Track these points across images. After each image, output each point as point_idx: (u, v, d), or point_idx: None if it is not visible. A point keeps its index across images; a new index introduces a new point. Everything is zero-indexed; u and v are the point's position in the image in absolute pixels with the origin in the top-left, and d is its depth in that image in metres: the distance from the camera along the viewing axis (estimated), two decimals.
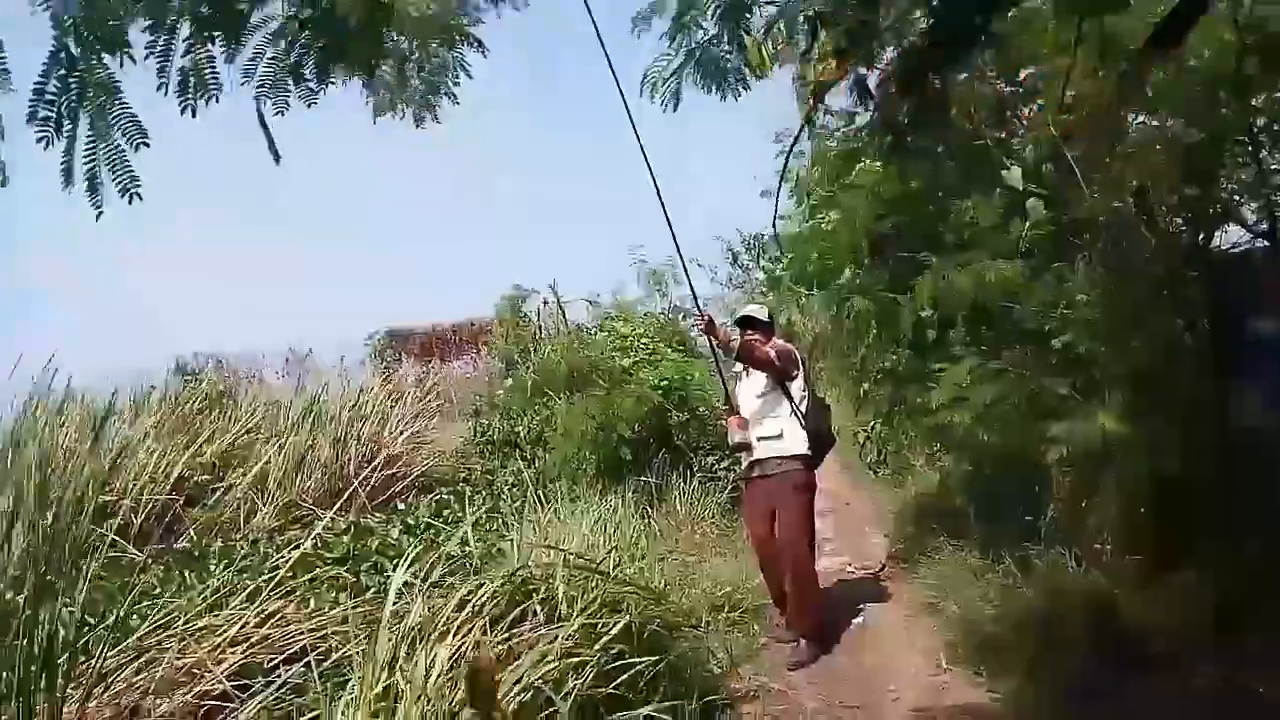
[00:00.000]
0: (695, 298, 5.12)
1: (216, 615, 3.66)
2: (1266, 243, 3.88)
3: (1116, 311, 3.91)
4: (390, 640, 2.89)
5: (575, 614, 3.02)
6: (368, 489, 6.98)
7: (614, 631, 2.98)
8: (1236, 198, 4.07)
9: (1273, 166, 3.96)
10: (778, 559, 4.67)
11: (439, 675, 2.61)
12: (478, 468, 8.76)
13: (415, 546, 3.92)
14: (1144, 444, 3.70)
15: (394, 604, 2.95)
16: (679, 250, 4.76)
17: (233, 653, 3.47)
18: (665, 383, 7.85)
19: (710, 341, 4.78)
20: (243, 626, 3.60)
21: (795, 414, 4.68)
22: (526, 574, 3.36)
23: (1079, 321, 3.95)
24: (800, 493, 4.64)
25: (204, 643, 3.42)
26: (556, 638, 2.79)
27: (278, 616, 3.73)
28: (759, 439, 4.72)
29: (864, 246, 5.02)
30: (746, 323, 4.87)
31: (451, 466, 9.17)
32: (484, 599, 3.13)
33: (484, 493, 7.20)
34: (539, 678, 2.62)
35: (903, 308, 4.66)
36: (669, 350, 8.65)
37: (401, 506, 6.09)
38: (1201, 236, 4.15)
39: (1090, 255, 4.22)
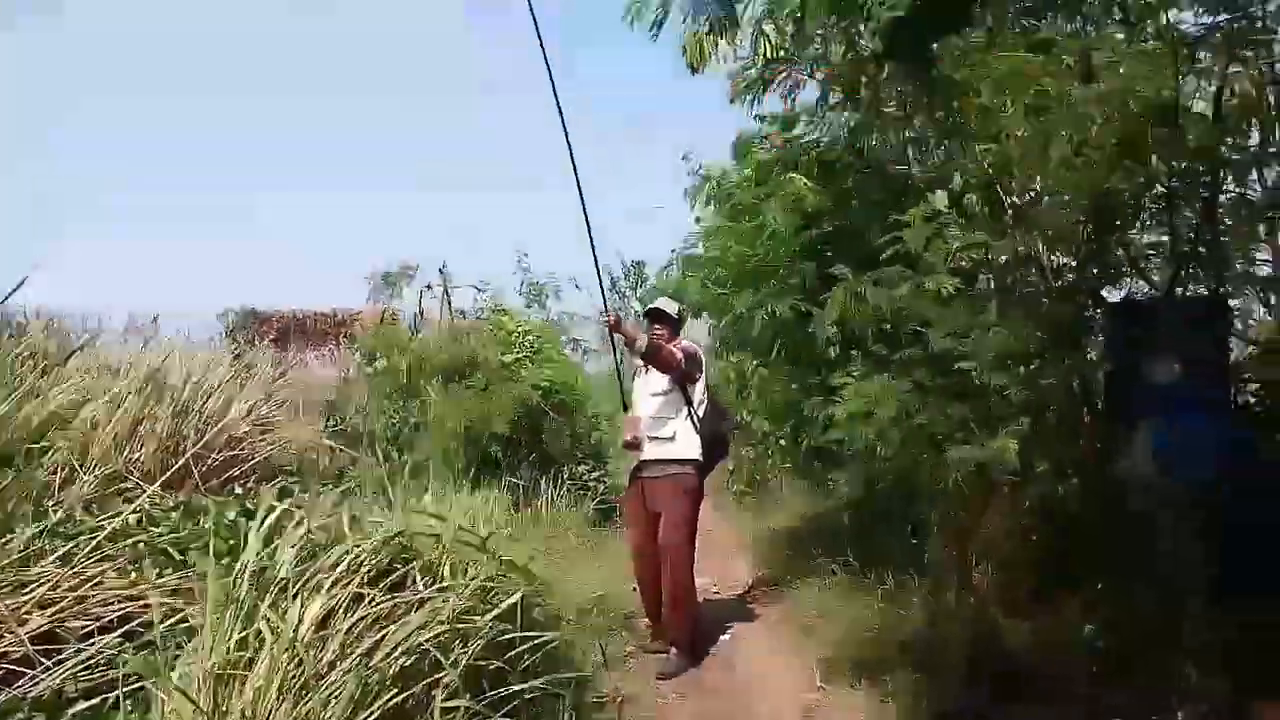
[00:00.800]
0: (605, 297, 4.95)
1: (23, 572, 3.21)
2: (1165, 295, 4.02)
3: (1021, 346, 3.98)
4: (251, 592, 2.55)
5: (463, 583, 2.75)
6: (203, 469, 6.43)
7: (504, 606, 2.72)
8: (1146, 252, 4.22)
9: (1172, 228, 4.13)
10: (655, 563, 4.50)
11: (309, 628, 2.31)
12: (326, 461, 8.29)
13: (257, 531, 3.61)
14: (1037, 475, 3.76)
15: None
16: (595, 257, 4.61)
17: (39, 615, 3.05)
18: (546, 384, 7.63)
19: (613, 338, 4.62)
20: (53, 588, 3.16)
21: (691, 417, 4.56)
22: (406, 540, 3.08)
23: (984, 352, 4.00)
24: (687, 497, 4.50)
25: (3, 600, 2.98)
26: (448, 600, 2.51)
27: (93, 582, 3.32)
28: (650, 438, 4.57)
29: (780, 256, 4.99)
30: (655, 316, 4.72)
31: (298, 457, 8.64)
32: (362, 558, 2.83)
33: (332, 486, 6.78)
34: (428, 639, 2.35)
35: (813, 319, 4.62)
36: (553, 353, 8.43)
37: (239, 491, 5.63)
38: (1104, 286, 4.28)
39: (999, 289, 4.32)
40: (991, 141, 4.25)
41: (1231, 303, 4.05)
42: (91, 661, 2.67)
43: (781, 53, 4.90)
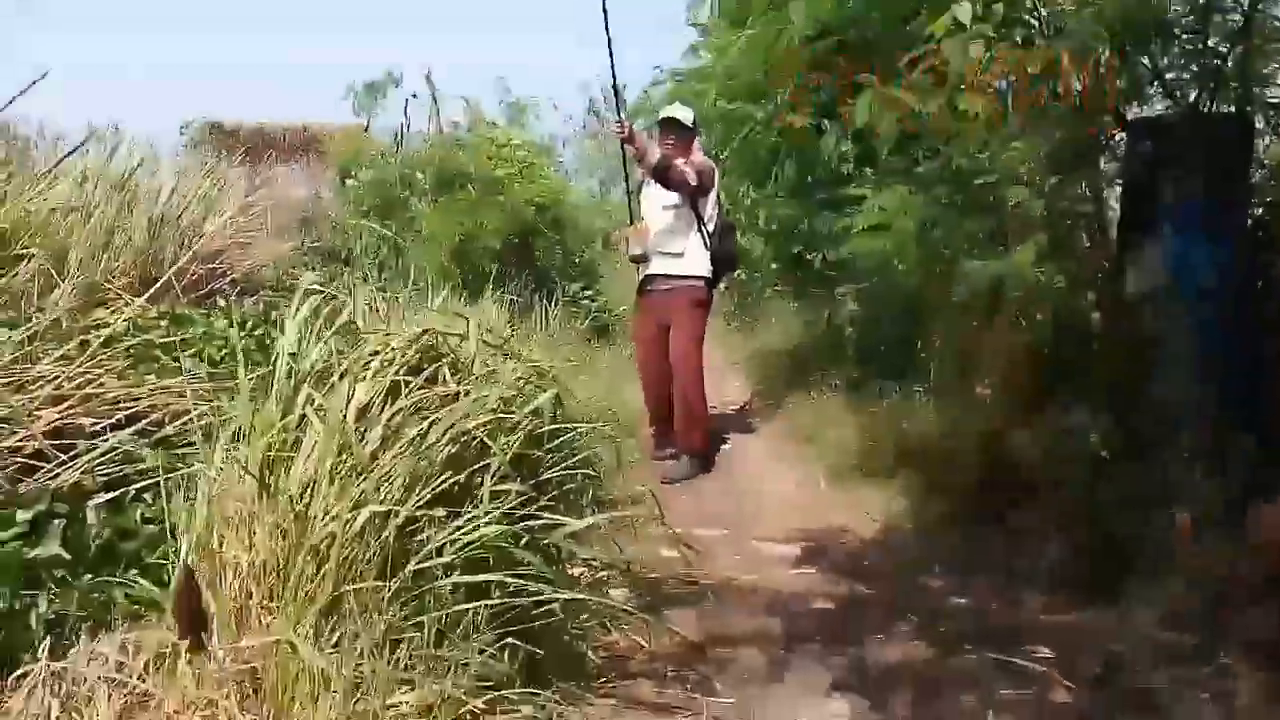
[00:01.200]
0: (618, 106, 4.75)
1: (25, 370, 3.17)
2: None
3: (1041, 163, 3.94)
4: (287, 384, 2.55)
5: (499, 378, 2.77)
6: (183, 281, 6.32)
7: (541, 399, 2.75)
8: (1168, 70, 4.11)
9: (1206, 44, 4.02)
10: (662, 373, 4.57)
11: (358, 412, 2.32)
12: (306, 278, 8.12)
13: (248, 340, 3.57)
14: (1049, 290, 3.79)
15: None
16: (614, 70, 4.50)
17: (50, 411, 3.04)
18: (540, 200, 7.50)
19: (625, 151, 4.51)
20: (57, 386, 3.14)
21: (702, 232, 4.51)
22: (433, 338, 3.06)
23: (1004, 166, 3.96)
24: (697, 310, 4.53)
25: (9, 399, 2.95)
26: (490, 392, 2.53)
27: (96, 381, 3.29)
28: (660, 253, 4.53)
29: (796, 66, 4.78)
30: (669, 125, 4.57)
31: (276, 273, 8.51)
32: (394, 353, 2.81)
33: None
34: (475, 426, 2.38)
35: (826, 132, 4.51)
36: (543, 169, 8.23)
37: (222, 304, 5.54)
38: (1128, 104, 4.19)
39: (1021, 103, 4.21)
40: None
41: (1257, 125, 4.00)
42: (106, 456, 2.69)
43: None
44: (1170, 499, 3.32)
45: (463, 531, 2.16)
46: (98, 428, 2.90)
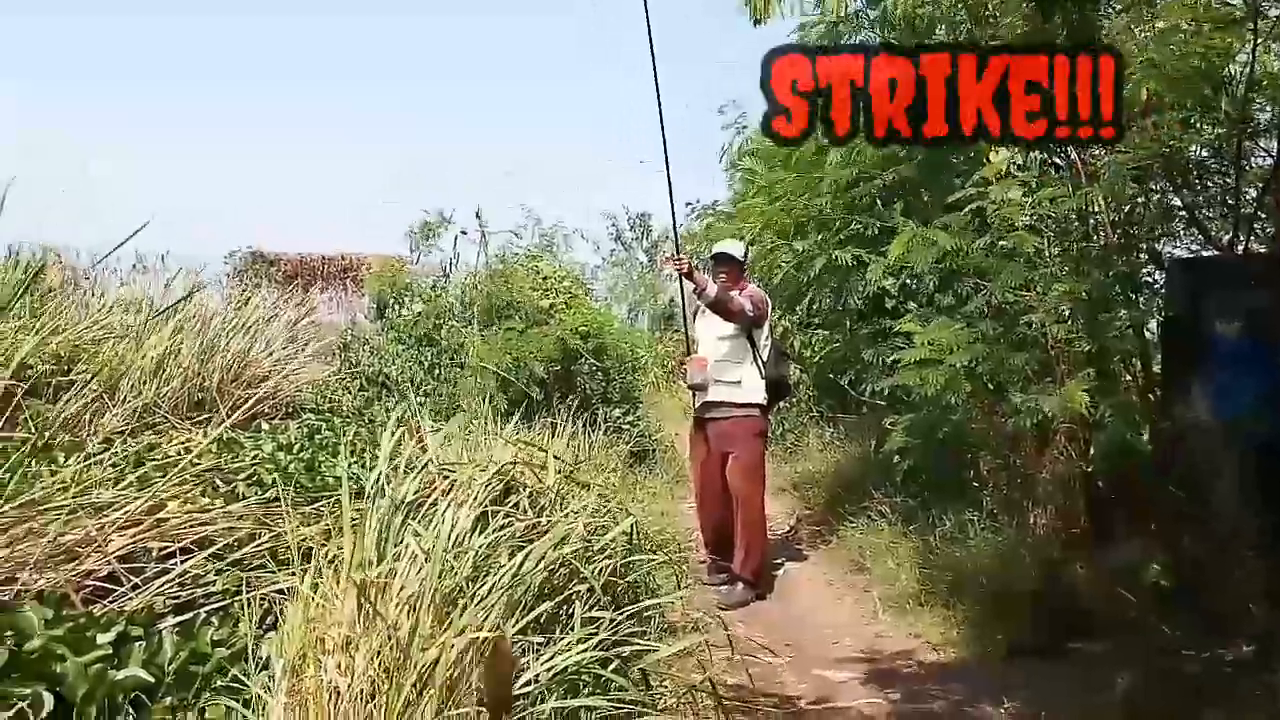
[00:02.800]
0: (676, 241, 5.04)
1: (98, 495, 3.33)
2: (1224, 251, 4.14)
3: (1082, 299, 4.11)
4: (379, 515, 2.69)
5: (581, 508, 2.90)
6: (230, 405, 6.50)
7: (623, 526, 2.88)
8: (1201, 210, 4.32)
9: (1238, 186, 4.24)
10: (719, 500, 4.67)
11: (458, 538, 2.45)
12: (345, 401, 8.38)
13: (296, 464, 3.74)
14: (1099, 422, 3.91)
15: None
16: (672, 202, 4.74)
17: (120, 535, 3.19)
18: (585, 328, 7.76)
19: (683, 286, 4.74)
20: (127, 512, 3.29)
21: (757, 362, 4.69)
22: (515, 469, 3.22)
23: (1047, 304, 4.13)
24: (756, 439, 4.67)
25: (84, 523, 3.11)
26: (576, 521, 2.66)
27: (161, 507, 3.45)
28: (717, 382, 4.69)
29: (840, 207, 5.09)
30: (720, 259, 4.82)
31: (317, 396, 8.74)
32: (475, 487, 2.96)
33: (355, 424, 6.89)
34: (568, 554, 2.50)
35: (870, 265, 4.74)
36: (586, 298, 8.55)
37: (266, 427, 5.73)
38: (1163, 242, 4.41)
39: (1061, 244, 4.43)
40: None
41: None
42: (178, 580, 2.81)
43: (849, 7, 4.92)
44: (1233, 630, 3.37)
45: (559, 656, 2.25)
46: (166, 551, 3.05)
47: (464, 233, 9.15)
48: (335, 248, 19.69)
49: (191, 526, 3.29)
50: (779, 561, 5.24)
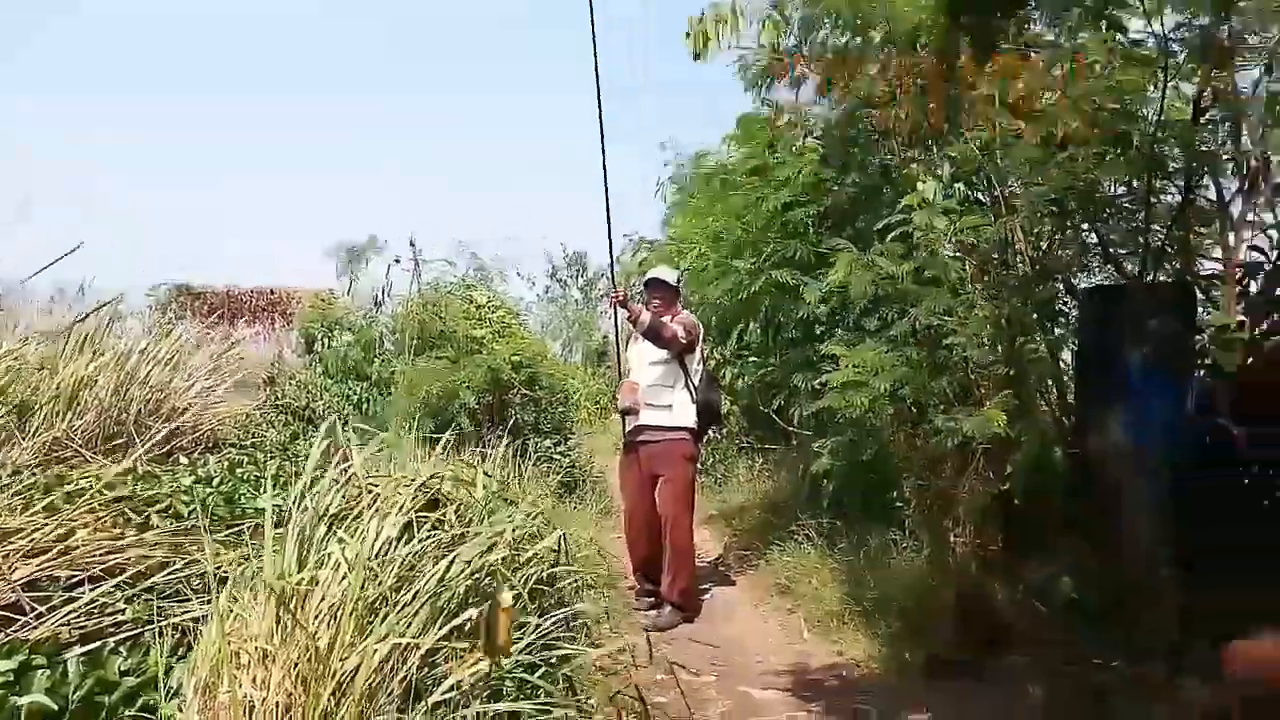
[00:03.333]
0: (612, 272, 5.09)
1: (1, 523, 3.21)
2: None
3: (1002, 325, 4.26)
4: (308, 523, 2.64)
5: (508, 519, 2.88)
6: (147, 439, 6.30)
7: (550, 539, 2.87)
8: (1114, 243, 4.52)
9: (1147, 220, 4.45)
10: (648, 524, 4.67)
11: (384, 546, 2.41)
12: (269, 435, 8.20)
13: (212, 498, 3.67)
14: (1016, 442, 4.03)
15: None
16: (610, 231, 4.85)
17: (24, 564, 3.07)
18: (518, 358, 7.72)
19: (616, 312, 4.79)
20: (31, 539, 3.17)
21: (689, 386, 4.73)
22: (439, 483, 3.19)
23: (968, 329, 4.26)
24: (685, 463, 4.68)
25: None
26: (504, 531, 2.64)
27: (69, 535, 3.33)
28: (648, 405, 4.71)
29: (774, 231, 5.20)
30: (654, 285, 4.86)
31: (241, 429, 8.51)
32: (401, 497, 2.92)
33: (279, 458, 6.73)
34: (493, 561, 2.48)
35: (805, 288, 4.84)
36: (520, 329, 8.53)
37: (185, 461, 5.57)
38: (1078, 273, 4.60)
39: (982, 272, 4.59)
40: (981, 132, 4.51)
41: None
42: (86, 609, 2.71)
43: (787, 41, 5.07)
44: (1144, 645, 3.47)
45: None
46: (74, 580, 2.93)
47: (397, 260, 9.05)
48: (264, 282, 19.33)
49: (101, 554, 3.18)
50: (706, 587, 5.25)
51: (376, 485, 2.98)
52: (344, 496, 2.90)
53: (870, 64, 4.99)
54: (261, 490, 3.89)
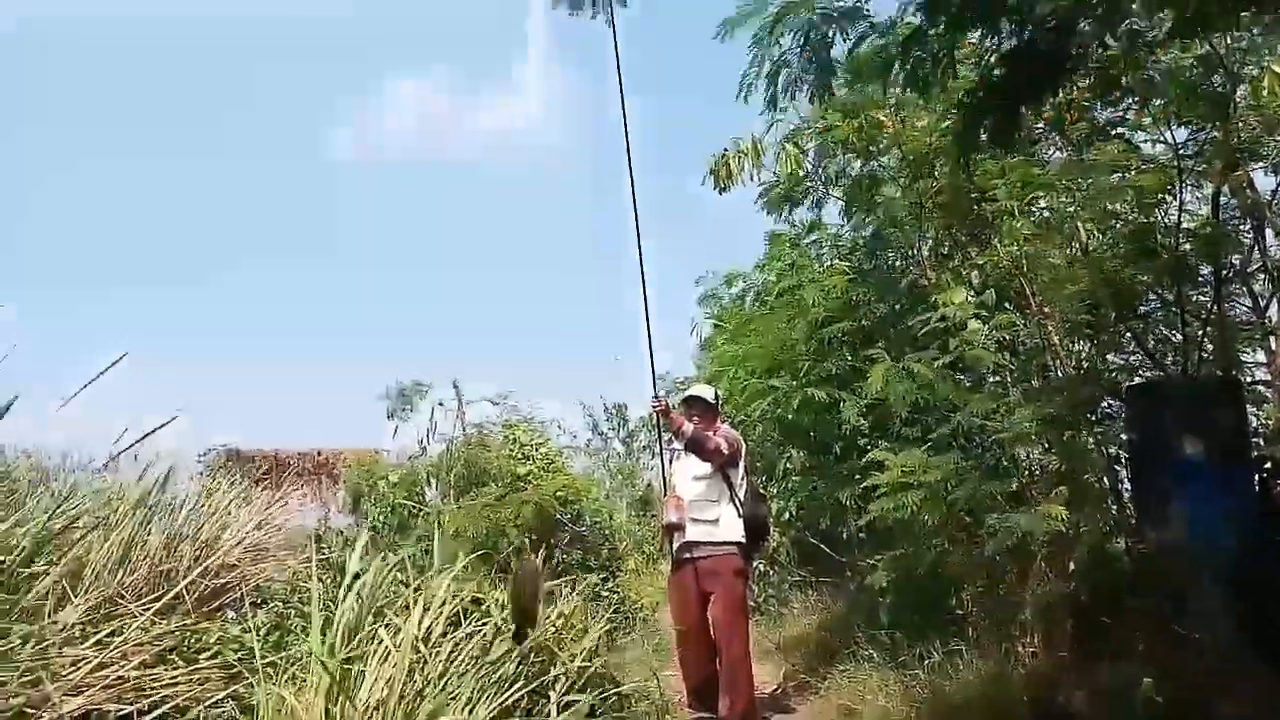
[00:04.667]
0: (654, 383, 5.16)
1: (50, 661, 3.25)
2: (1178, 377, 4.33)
3: (1048, 422, 4.24)
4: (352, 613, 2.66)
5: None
6: (195, 595, 6.34)
7: (595, 633, 2.83)
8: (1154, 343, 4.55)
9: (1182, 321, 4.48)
10: (702, 643, 4.54)
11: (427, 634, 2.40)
12: (316, 589, 8.18)
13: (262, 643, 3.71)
14: (1076, 538, 3.93)
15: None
16: (650, 340, 4.94)
17: (75, 699, 3.09)
18: (563, 494, 7.74)
19: (659, 424, 4.82)
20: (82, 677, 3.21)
21: (734, 501, 4.69)
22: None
23: (1015, 429, 4.25)
24: (737, 578, 4.57)
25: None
26: (549, 615, 2.62)
27: (119, 672, 3.35)
28: (694, 520, 4.66)
29: (808, 346, 5.29)
30: (692, 401, 4.91)
31: (289, 586, 8.51)
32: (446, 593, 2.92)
33: (326, 613, 6.70)
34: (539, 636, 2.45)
35: (845, 402, 4.86)
36: (564, 466, 8.58)
37: (233, 616, 5.59)
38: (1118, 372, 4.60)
39: (1021, 375, 4.61)
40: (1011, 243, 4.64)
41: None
42: None
43: (804, 169, 5.34)
44: None
45: None
46: (122, 716, 2.94)
47: (441, 404, 9.20)
48: (312, 444, 19.67)
49: (153, 688, 3.20)
50: (766, 716, 5.02)
51: (421, 582, 2.99)
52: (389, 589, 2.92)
53: (888, 186, 5.23)
54: (309, 635, 3.89)
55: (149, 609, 5.52)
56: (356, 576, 2.78)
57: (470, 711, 2.27)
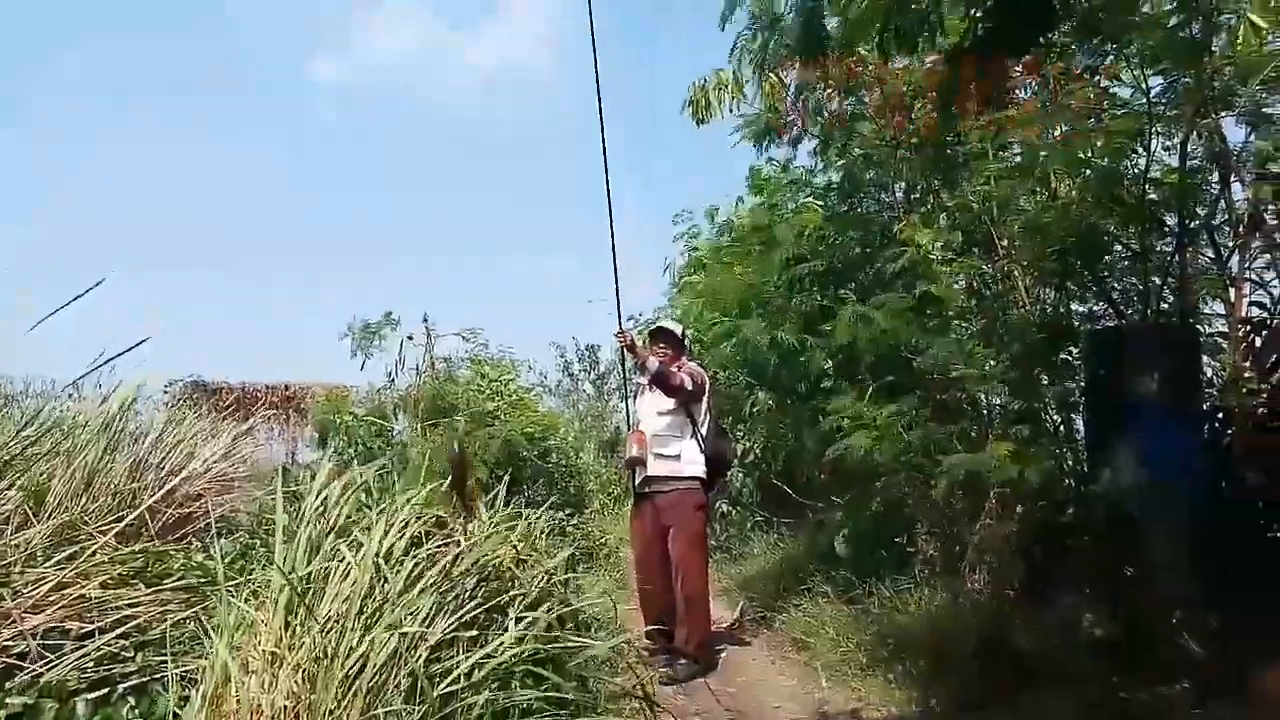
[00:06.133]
0: (619, 315, 5.14)
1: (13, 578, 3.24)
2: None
3: (1007, 364, 4.31)
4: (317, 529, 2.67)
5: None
6: (160, 524, 6.32)
7: (561, 558, 2.87)
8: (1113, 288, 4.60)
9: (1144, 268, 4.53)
10: (660, 574, 4.62)
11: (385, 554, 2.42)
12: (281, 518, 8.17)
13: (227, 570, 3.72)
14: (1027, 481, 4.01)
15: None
16: (617, 283, 4.86)
17: (35, 615, 3.09)
18: (531, 430, 7.76)
19: (624, 357, 4.82)
20: (43, 593, 3.21)
21: (696, 436, 4.74)
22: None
23: (973, 373, 4.30)
24: (696, 512, 4.65)
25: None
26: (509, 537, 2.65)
27: (80, 592, 3.35)
28: (656, 455, 4.71)
29: (782, 286, 5.30)
30: (659, 334, 4.93)
31: (255, 517, 8.51)
32: (408, 513, 2.94)
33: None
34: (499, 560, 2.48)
35: (813, 349, 4.90)
36: (533, 403, 8.59)
37: (197, 544, 5.59)
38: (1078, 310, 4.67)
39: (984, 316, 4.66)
40: (981, 183, 4.65)
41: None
42: (95, 658, 2.72)
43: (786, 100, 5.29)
44: (1171, 675, 3.39)
45: (489, 654, 2.21)
46: (84, 633, 2.95)
47: (410, 337, 9.11)
48: (279, 377, 19.50)
49: (115, 607, 3.20)
50: (722, 647, 5.12)
51: (385, 503, 3.00)
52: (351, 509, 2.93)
53: (864, 123, 5.20)
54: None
55: (112, 534, 5.52)
56: (319, 496, 2.77)
57: (429, 625, 2.29)
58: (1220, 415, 4.25)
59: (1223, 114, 4.37)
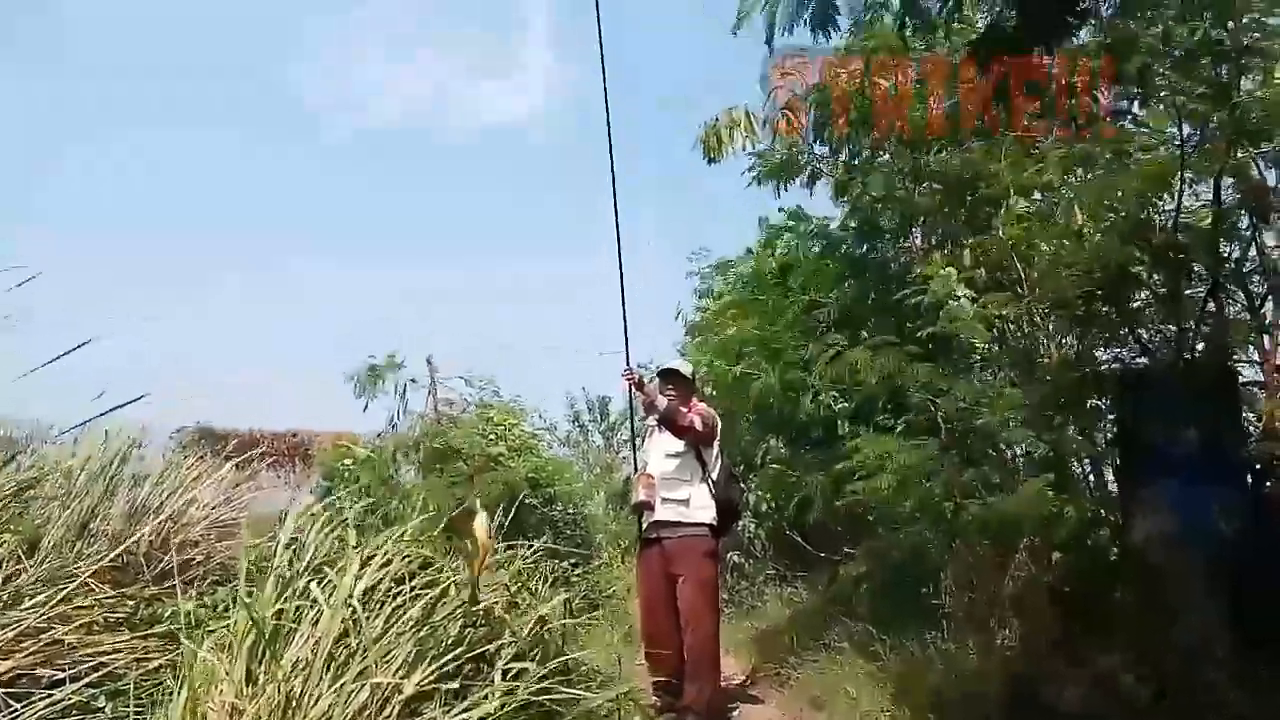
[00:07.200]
0: (627, 354, 4.94)
1: None
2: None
3: (1036, 412, 4.08)
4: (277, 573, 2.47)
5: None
6: (156, 570, 6.15)
7: (551, 604, 2.65)
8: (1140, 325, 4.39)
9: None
10: (668, 622, 4.36)
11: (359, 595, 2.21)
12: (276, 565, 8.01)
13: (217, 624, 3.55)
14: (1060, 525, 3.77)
15: None
16: (624, 305, 4.74)
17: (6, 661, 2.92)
18: (535, 476, 7.54)
19: (632, 397, 4.65)
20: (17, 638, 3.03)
21: (706, 480, 4.52)
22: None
23: (997, 415, 4.08)
24: (706, 560, 4.41)
25: None
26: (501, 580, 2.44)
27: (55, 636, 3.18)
28: (664, 499, 4.48)
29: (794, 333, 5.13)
30: (668, 375, 4.73)
31: (252, 567, 8.29)
32: (390, 551, 2.73)
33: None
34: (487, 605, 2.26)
35: (828, 392, 4.71)
36: (539, 445, 8.39)
37: (192, 593, 5.40)
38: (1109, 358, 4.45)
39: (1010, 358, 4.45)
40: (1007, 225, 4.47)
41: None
42: (63, 706, 2.55)
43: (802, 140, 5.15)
44: None
45: (472, 704, 1.98)
46: (55, 681, 2.77)
47: (413, 381, 8.95)
48: (289, 426, 19.38)
49: (92, 654, 3.03)
50: (734, 706, 4.85)
51: (365, 539, 2.80)
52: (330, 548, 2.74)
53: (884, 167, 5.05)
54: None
55: (106, 580, 5.33)
56: (294, 536, 2.57)
57: (406, 675, 2.07)
58: (1259, 464, 4.03)
59: (1254, 152, 4.21)
